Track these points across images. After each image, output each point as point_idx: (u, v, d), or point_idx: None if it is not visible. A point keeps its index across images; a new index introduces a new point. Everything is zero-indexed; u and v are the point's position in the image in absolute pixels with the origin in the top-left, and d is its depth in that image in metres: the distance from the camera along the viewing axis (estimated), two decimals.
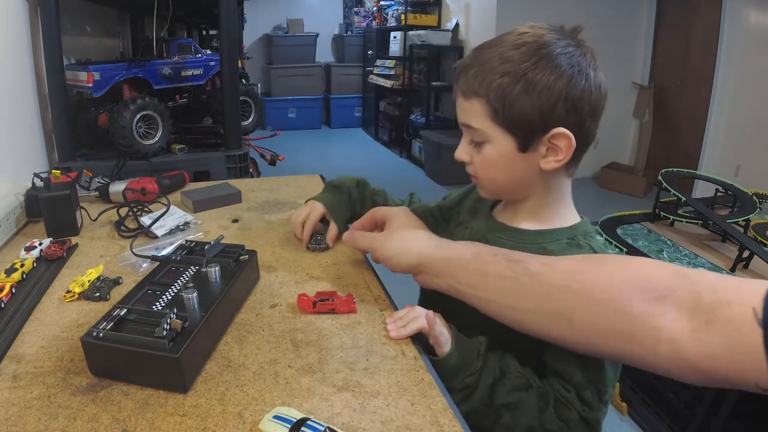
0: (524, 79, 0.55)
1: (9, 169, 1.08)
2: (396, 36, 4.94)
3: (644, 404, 1.62)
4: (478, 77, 0.58)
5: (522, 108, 0.56)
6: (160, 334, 0.50)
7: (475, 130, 0.61)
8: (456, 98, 0.63)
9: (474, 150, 0.64)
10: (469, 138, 0.64)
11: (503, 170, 0.62)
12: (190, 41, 1.69)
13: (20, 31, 1.25)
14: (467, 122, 0.62)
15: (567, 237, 0.64)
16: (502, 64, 0.56)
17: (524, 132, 0.58)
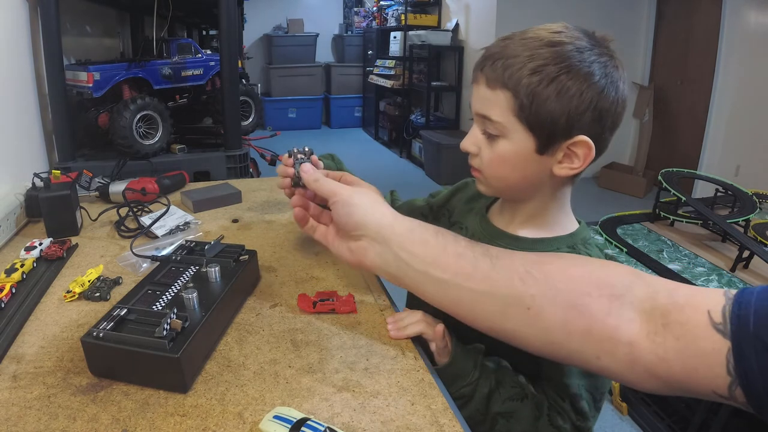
0: (557, 81, 0.53)
1: (9, 169, 1.08)
2: (396, 36, 4.94)
3: (644, 404, 1.62)
4: (508, 69, 0.55)
5: (551, 110, 0.54)
6: (160, 334, 0.50)
7: (493, 123, 0.58)
8: (476, 86, 0.60)
9: (485, 143, 0.60)
10: (481, 129, 0.60)
11: (514, 169, 0.59)
12: (190, 41, 1.69)
13: (20, 31, 1.25)
14: (486, 113, 0.58)
15: (567, 245, 0.63)
16: (533, 61, 0.54)
17: (547, 134, 0.56)
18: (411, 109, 4.91)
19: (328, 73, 6.33)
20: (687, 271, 1.52)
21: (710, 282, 1.45)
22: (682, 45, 3.81)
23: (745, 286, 1.43)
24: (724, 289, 0.40)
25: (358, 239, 0.55)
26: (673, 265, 1.55)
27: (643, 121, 4.07)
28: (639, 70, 4.18)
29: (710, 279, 1.47)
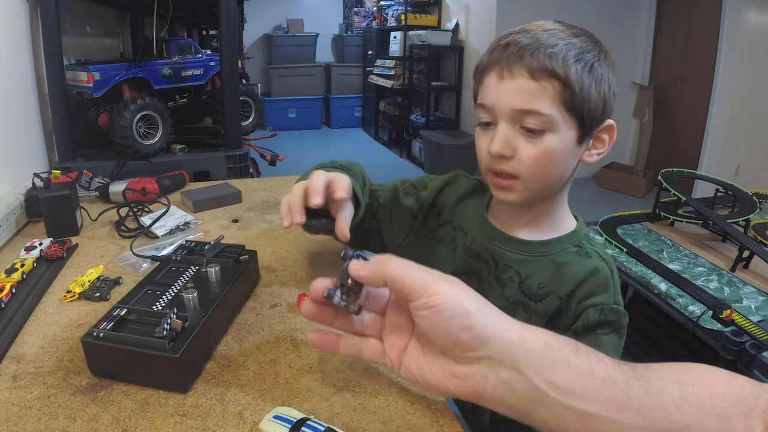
0: (594, 68, 0.54)
1: (9, 169, 1.08)
2: (396, 36, 4.94)
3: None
4: (554, 58, 0.52)
5: (591, 95, 0.54)
6: (160, 334, 0.50)
7: (540, 116, 0.53)
8: (510, 80, 0.54)
9: (522, 141, 0.55)
10: (516, 127, 0.55)
11: (559, 165, 0.56)
12: (190, 41, 1.69)
13: (20, 31, 1.25)
14: (530, 107, 0.53)
15: (573, 244, 0.63)
16: (572, 49, 0.53)
17: (588, 121, 0.55)
18: (411, 109, 4.91)
19: (328, 73, 6.33)
20: (687, 271, 1.52)
21: (710, 282, 1.45)
22: (682, 45, 3.81)
23: (745, 285, 1.43)
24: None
25: (474, 362, 0.38)
26: (673, 265, 1.55)
27: (643, 121, 4.07)
28: (639, 70, 4.18)
29: (710, 279, 1.47)
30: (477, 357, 0.38)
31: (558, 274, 0.62)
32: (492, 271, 0.65)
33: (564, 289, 0.61)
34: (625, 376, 0.38)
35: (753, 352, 1.17)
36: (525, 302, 0.63)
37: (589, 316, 0.59)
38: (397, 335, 0.44)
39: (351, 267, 0.41)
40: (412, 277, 0.39)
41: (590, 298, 0.60)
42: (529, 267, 0.63)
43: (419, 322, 0.40)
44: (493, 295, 0.65)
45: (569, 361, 0.38)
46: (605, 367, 0.38)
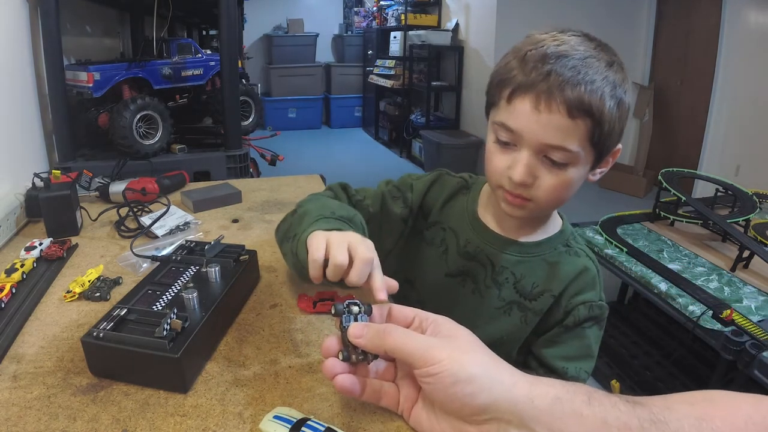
0: (621, 103, 0.54)
1: (9, 170, 1.08)
2: (396, 36, 4.94)
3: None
4: (593, 95, 0.51)
5: (615, 130, 0.55)
6: (160, 335, 0.50)
7: (568, 152, 0.54)
8: (546, 113, 0.52)
9: (545, 171, 0.55)
10: (540, 156, 0.55)
11: (570, 191, 0.58)
12: (190, 41, 1.69)
13: (20, 31, 1.25)
14: (561, 144, 0.53)
15: (562, 244, 0.66)
16: (606, 86, 0.52)
17: (605, 151, 0.57)
18: (411, 109, 4.91)
19: (328, 73, 6.33)
20: (687, 271, 1.52)
21: (710, 281, 1.45)
22: (682, 45, 3.81)
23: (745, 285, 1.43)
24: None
25: (483, 423, 0.39)
26: (673, 265, 1.55)
27: (643, 121, 4.07)
28: (639, 70, 4.18)
29: (710, 279, 1.47)
30: (486, 419, 0.38)
31: (551, 273, 0.65)
32: (489, 273, 0.67)
33: (557, 287, 0.65)
34: (640, 420, 0.37)
35: (753, 352, 1.17)
36: (520, 302, 0.66)
37: (579, 312, 0.63)
38: (410, 382, 0.45)
39: (350, 334, 0.42)
40: (412, 346, 0.40)
41: (579, 296, 0.64)
42: (523, 267, 0.66)
43: (424, 388, 0.40)
44: (489, 296, 0.67)
45: (581, 412, 0.37)
46: (619, 414, 0.37)
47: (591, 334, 0.65)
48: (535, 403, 0.38)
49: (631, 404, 0.38)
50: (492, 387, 0.38)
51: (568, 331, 0.64)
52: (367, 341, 0.41)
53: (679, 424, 0.37)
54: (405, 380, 0.46)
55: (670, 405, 0.38)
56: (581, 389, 0.39)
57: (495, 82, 0.58)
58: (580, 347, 0.64)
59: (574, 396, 0.38)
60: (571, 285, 0.64)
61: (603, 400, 0.38)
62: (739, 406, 0.39)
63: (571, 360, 0.64)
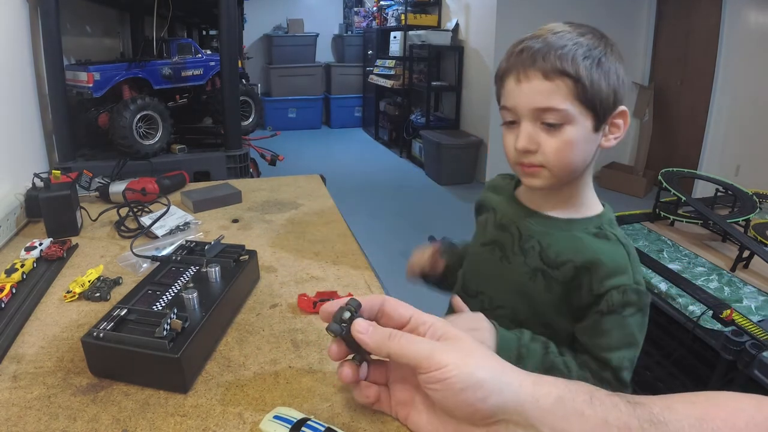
0: (601, 63, 0.60)
1: (9, 170, 1.08)
2: (396, 36, 4.94)
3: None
4: (564, 58, 0.59)
5: (602, 87, 0.60)
6: (160, 335, 0.50)
7: (558, 111, 0.60)
8: (525, 83, 0.60)
9: (544, 136, 0.61)
10: (537, 123, 0.61)
11: (579, 151, 0.63)
12: (190, 41, 1.69)
13: (20, 31, 1.25)
14: (547, 104, 0.60)
15: (595, 226, 0.68)
16: (579, 48, 0.59)
17: (601, 111, 0.61)
18: (411, 109, 4.91)
19: (328, 73, 6.33)
20: (687, 270, 1.52)
21: (710, 281, 1.45)
22: (682, 45, 3.81)
23: (745, 285, 1.43)
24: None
25: (490, 425, 0.39)
26: (673, 265, 1.55)
27: (643, 121, 4.07)
28: (639, 70, 4.18)
29: (710, 279, 1.47)
30: (493, 421, 0.39)
31: (575, 247, 0.67)
32: (516, 241, 0.71)
33: (579, 258, 0.65)
34: (640, 421, 0.37)
35: (753, 351, 1.17)
36: (544, 269, 0.68)
37: (612, 298, 0.64)
38: (401, 386, 0.46)
39: (355, 328, 0.42)
40: (417, 350, 0.40)
41: (610, 280, 0.64)
42: (549, 238, 0.68)
43: (431, 395, 0.40)
44: (516, 263, 0.71)
45: (583, 411, 0.38)
46: (620, 415, 0.38)
47: (633, 322, 0.65)
48: (539, 403, 0.38)
49: (632, 404, 0.38)
50: (502, 389, 0.38)
51: (607, 318, 0.64)
52: (372, 342, 0.42)
53: (679, 425, 0.37)
54: (396, 384, 0.46)
55: (670, 405, 0.39)
56: (583, 388, 0.40)
57: (496, 78, 0.66)
58: (622, 336, 0.65)
59: (576, 395, 0.39)
60: (598, 267, 0.65)
61: (604, 399, 0.39)
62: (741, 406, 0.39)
63: (612, 350, 0.64)
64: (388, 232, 3.19)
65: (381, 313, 0.45)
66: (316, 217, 1.02)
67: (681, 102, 3.87)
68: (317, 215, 1.03)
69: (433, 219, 3.46)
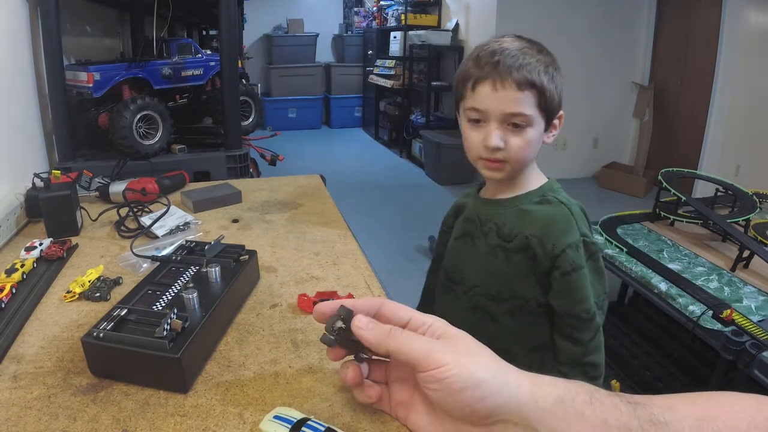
0: (554, 78, 0.73)
1: (9, 170, 1.08)
2: (396, 36, 4.94)
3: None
4: (532, 73, 0.70)
5: (554, 97, 0.73)
6: (160, 335, 0.50)
7: (525, 116, 0.71)
8: (501, 90, 0.71)
9: (510, 135, 0.73)
10: (504, 125, 0.72)
11: (533, 149, 0.75)
12: (190, 41, 1.69)
13: (20, 31, 1.25)
14: (518, 110, 0.71)
15: (538, 195, 0.79)
16: (540, 65, 0.71)
17: (551, 115, 0.74)
18: (411, 109, 4.90)
19: (328, 73, 6.33)
20: (687, 270, 1.52)
21: (710, 281, 1.45)
22: (682, 45, 3.81)
23: (745, 285, 1.43)
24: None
25: (490, 426, 0.39)
26: (673, 265, 1.55)
27: (643, 121, 4.07)
28: (639, 70, 4.18)
29: (710, 279, 1.47)
30: (492, 422, 0.39)
31: (523, 219, 0.77)
32: (478, 227, 0.82)
33: (529, 229, 0.76)
34: (641, 421, 0.37)
35: (753, 351, 1.17)
36: (501, 244, 0.78)
37: (568, 257, 0.73)
38: (400, 385, 0.46)
39: (355, 323, 0.42)
40: (415, 348, 0.40)
41: (561, 240, 0.74)
42: (502, 217, 0.79)
43: (430, 395, 0.40)
44: (480, 245, 0.81)
45: (583, 412, 0.38)
46: (620, 415, 0.37)
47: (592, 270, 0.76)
48: (539, 404, 0.38)
49: (632, 405, 0.38)
50: (501, 390, 0.38)
51: (570, 278, 0.74)
52: (372, 337, 0.42)
53: (679, 425, 0.37)
54: (396, 384, 0.46)
55: (671, 405, 0.38)
56: (583, 389, 0.39)
57: (459, 80, 0.77)
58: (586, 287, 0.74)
59: (575, 396, 0.39)
60: (547, 231, 0.75)
61: (604, 400, 0.38)
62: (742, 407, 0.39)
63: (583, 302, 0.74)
64: (388, 232, 3.19)
65: (379, 315, 0.45)
66: (316, 217, 1.02)
67: (681, 102, 3.87)
68: (317, 215, 1.03)
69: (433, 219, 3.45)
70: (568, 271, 0.73)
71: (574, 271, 0.73)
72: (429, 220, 3.48)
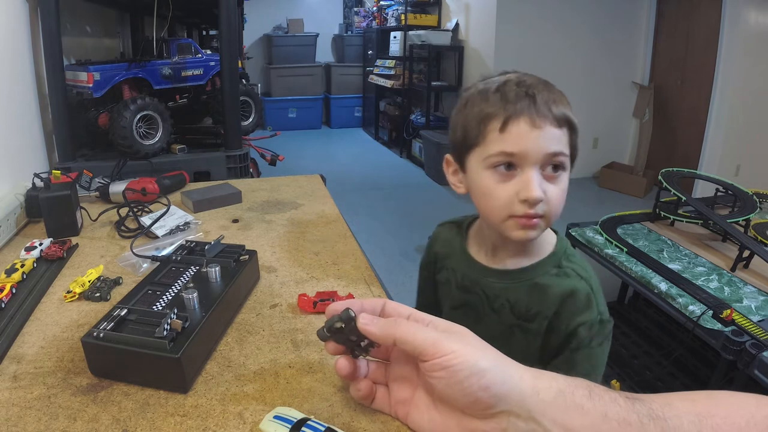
0: (572, 112, 0.62)
1: (9, 170, 1.08)
2: (396, 36, 4.94)
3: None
4: (561, 108, 0.60)
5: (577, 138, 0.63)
6: (160, 335, 0.50)
7: (564, 156, 0.61)
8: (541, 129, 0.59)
9: (548, 184, 0.60)
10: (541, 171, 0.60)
11: (564, 198, 0.62)
12: (190, 41, 1.69)
13: (20, 31, 1.25)
14: (560, 149, 0.60)
15: (554, 266, 0.67)
16: (566, 103, 0.61)
17: (575, 158, 0.63)
18: (411, 109, 4.91)
19: (328, 73, 6.33)
20: (687, 270, 1.52)
21: (710, 281, 1.45)
22: (682, 45, 3.81)
23: (745, 285, 1.43)
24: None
25: (492, 417, 0.39)
26: (673, 265, 1.55)
27: (643, 121, 4.07)
28: (639, 70, 4.18)
29: (710, 279, 1.47)
30: (495, 412, 0.39)
31: (541, 296, 0.66)
32: (485, 302, 0.71)
33: (549, 308, 0.66)
34: (639, 416, 0.37)
35: (753, 351, 1.17)
36: (519, 324, 0.68)
37: (581, 335, 0.65)
38: (400, 384, 0.46)
39: (361, 321, 0.42)
40: (422, 337, 0.40)
41: (576, 317, 0.65)
42: (514, 293, 0.68)
43: (435, 384, 0.40)
44: (490, 322, 0.70)
45: (583, 405, 0.38)
46: (619, 410, 0.38)
47: (600, 352, 0.67)
48: (540, 396, 0.38)
49: (631, 400, 0.38)
50: (504, 380, 0.38)
51: (577, 354, 0.66)
52: (378, 329, 0.42)
53: (678, 421, 0.38)
54: (396, 383, 0.46)
55: (670, 402, 0.39)
56: (582, 383, 0.40)
57: (475, 123, 0.62)
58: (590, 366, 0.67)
59: (575, 390, 0.39)
60: (564, 308, 0.66)
61: (603, 395, 0.39)
62: (741, 405, 0.39)
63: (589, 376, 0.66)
64: (388, 232, 3.19)
65: (382, 314, 0.46)
66: (316, 217, 1.02)
67: (681, 102, 3.87)
68: (317, 215, 1.03)
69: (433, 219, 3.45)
70: (577, 348, 0.66)
71: (583, 348, 0.66)
72: (429, 220, 3.47)
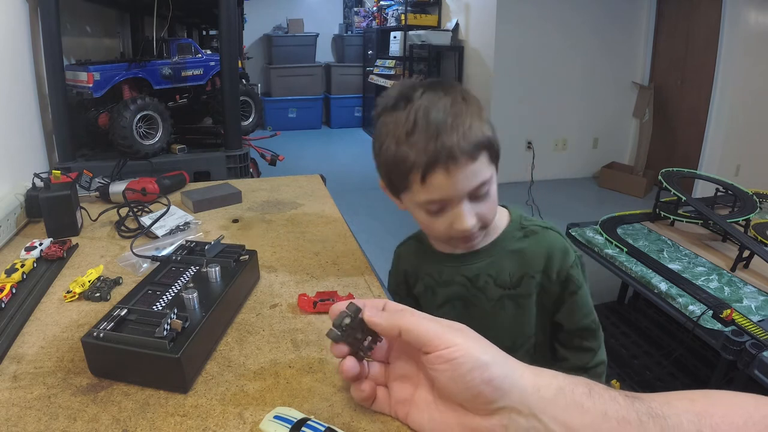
0: (486, 120, 0.62)
1: (9, 170, 1.08)
2: (396, 36, 4.94)
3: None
4: (475, 132, 0.60)
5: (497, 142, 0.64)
6: (160, 335, 0.50)
7: (488, 182, 0.63)
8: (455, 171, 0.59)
9: (478, 205, 0.63)
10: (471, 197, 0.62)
11: (497, 200, 0.67)
12: (190, 41, 1.69)
13: (20, 31, 1.25)
14: (481, 181, 0.61)
15: (517, 230, 0.73)
16: (476, 120, 0.60)
17: (499, 159, 0.65)
18: None
19: (328, 73, 6.33)
20: (687, 270, 1.52)
21: (710, 281, 1.45)
22: (682, 45, 3.81)
23: (745, 285, 1.43)
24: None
25: (493, 413, 0.39)
26: (673, 265, 1.55)
27: (643, 121, 4.07)
28: (639, 70, 4.18)
29: (710, 279, 1.47)
30: (496, 408, 0.39)
31: (520, 259, 0.72)
32: (468, 286, 0.74)
33: (534, 268, 0.72)
34: (639, 414, 0.38)
35: (753, 351, 1.17)
36: (507, 293, 0.73)
37: (575, 276, 0.72)
38: (401, 384, 0.46)
39: (367, 312, 0.43)
40: (426, 328, 0.41)
41: (565, 263, 0.72)
42: (495, 266, 0.72)
43: (437, 377, 0.40)
44: (479, 302, 0.74)
45: (583, 403, 0.38)
46: (619, 408, 0.38)
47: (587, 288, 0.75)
48: (541, 393, 0.39)
49: (630, 398, 0.38)
50: (506, 374, 0.39)
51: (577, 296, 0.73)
52: (384, 321, 0.42)
53: (677, 420, 0.38)
54: (396, 383, 0.47)
55: (669, 401, 0.39)
56: (582, 381, 0.40)
57: (395, 170, 0.63)
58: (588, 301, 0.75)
59: (575, 388, 0.39)
60: (551, 262, 0.71)
61: (603, 393, 0.39)
62: (740, 404, 0.39)
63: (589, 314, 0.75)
64: (388, 232, 3.19)
65: None
66: (316, 217, 1.02)
67: (681, 102, 3.87)
68: (317, 215, 1.03)
69: None
70: (575, 291, 0.73)
71: (580, 289, 0.73)
72: None
